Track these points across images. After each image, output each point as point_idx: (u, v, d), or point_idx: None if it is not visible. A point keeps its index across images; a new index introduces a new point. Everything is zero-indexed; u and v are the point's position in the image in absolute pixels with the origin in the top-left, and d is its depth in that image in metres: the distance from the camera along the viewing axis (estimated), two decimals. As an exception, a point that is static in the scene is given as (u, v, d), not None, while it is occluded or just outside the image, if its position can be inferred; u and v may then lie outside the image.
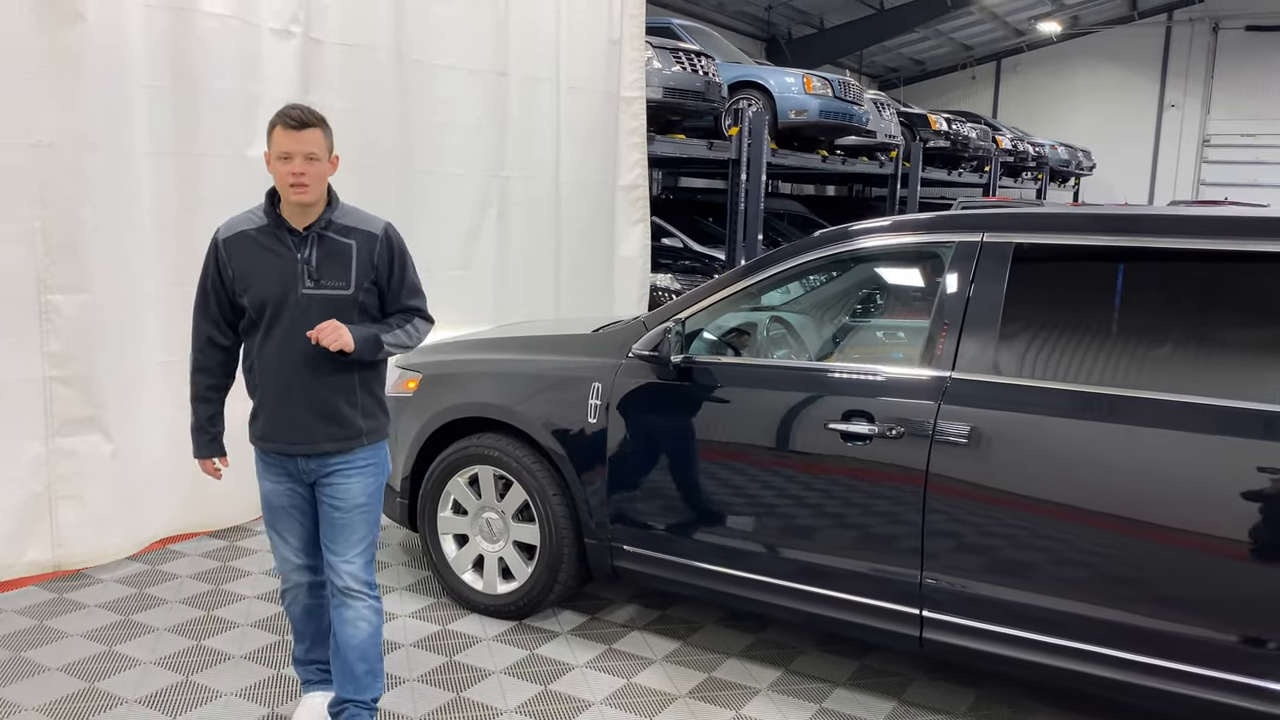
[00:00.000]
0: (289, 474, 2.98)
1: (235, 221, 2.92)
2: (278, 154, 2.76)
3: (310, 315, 2.81)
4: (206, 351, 2.98)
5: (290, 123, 2.74)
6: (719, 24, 17.73)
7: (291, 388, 2.87)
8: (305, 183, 2.75)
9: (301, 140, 2.73)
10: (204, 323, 2.97)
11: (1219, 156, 24.02)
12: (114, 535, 4.62)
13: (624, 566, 3.80)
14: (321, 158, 2.78)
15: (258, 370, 2.92)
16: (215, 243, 2.91)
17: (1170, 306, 3.09)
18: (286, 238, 2.85)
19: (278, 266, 2.84)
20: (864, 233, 3.58)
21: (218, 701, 3.43)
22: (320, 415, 2.89)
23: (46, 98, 4.22)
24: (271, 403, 2.91)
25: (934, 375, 3.18)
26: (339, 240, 2.87)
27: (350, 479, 2.96)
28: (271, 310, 2.83)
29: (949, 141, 15.87)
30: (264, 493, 3.04)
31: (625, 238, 8.26)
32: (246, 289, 2.85)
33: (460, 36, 6.27)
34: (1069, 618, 2.96)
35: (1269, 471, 2.69)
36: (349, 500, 2.96)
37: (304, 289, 2.83)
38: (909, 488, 3.15)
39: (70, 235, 4.34)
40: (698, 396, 3.60)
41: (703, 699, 3.51)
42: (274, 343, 2.86)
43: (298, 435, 2.90)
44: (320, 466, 2.94)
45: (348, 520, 2.97)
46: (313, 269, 2.83)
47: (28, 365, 4.29)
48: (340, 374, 2.90)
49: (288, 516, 3.04)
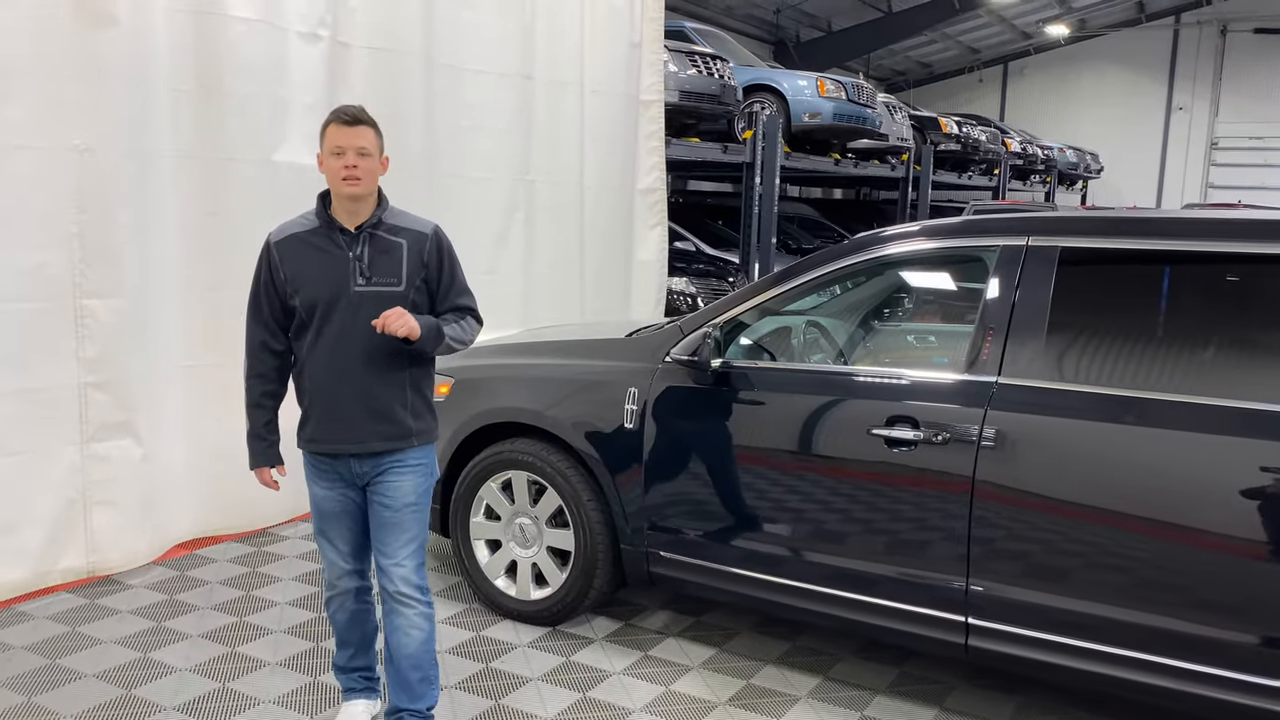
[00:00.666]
0: (341, 477, 2.97)
1: (287, 225, 2.93)
2: (331, 149, 2.78)
3: (362, 313, 2.82)
4: (260, 357, 2.95)
5: (344, 118, 2.79)
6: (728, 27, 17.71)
7: (343, 387, 2.87)
8: (358, 175, 2.77)
9: (354, 135, 2.77)
10: (257, 328, 2.95)
11: (1227, 159, 24.00)
12: (144, 539, 4.62)
13: (661, 573, 3.78)
14: (373, 154, 2.81)
15: (308, 373, 2.91)
16: (267, 245, 2.91)
17: (1218, 310, 3.07)
18: (338, 237, 2.86)
19: (329, 265, 2.85)
20: (903, 237, 3.56)
21: (256, 708, 3.41)
22: (372, 415, 2.89)
23: (82, 101, 4.21)
24: (323, 404, 2.90)
25: (980, 380, 3.15)
26: (389, 239, 2.89)
27: (402, 477, 2.95)
28: (323, 309, 2.84)
29: (959, 145, 15.85)
30: (314, 498, 3.03)
31: (643, 241, 8.25)
32: (298, 289, 2.85)
33: (489, 40, 6.27)
34: (1116, 624, 2.93)
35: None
36: (399, 498, 2.96)
37: (356, 286, 2.84)
38: (955, 494, 3.13)
39: (106, 239, 4.33)
40: (737, 401, 3.58)
41: (743, 706, 3.49)
42: (326, 343, 2.86)
43: (349, 435, 2.89)
44: (373, 468, 2.94)
45: (398, 519, 2.97)
46: (364, 266, 2.84)
47: (64, 371, 4.27)
48: (392, 373, 2.90)
49: (338, 522, 3.02)
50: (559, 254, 7.11)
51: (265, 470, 3.04)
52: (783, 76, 11.41)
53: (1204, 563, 2.83)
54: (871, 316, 4.24)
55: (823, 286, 3.75)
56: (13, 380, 4.14)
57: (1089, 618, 2.97)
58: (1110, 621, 2.94)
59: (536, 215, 6.89)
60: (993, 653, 3.15)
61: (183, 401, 4.80)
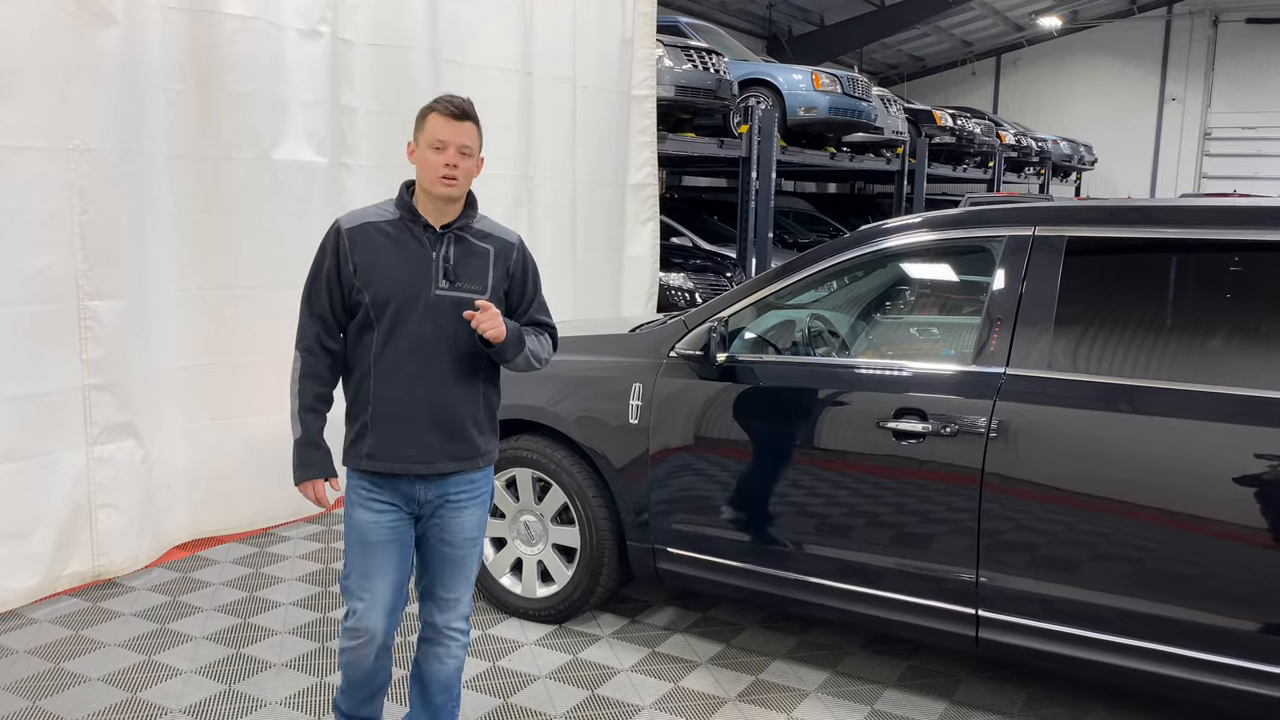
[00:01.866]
0: (395, 504, 2.65)
1: (361, 212, 2.66)
2: (431, 142, 2.55)
3: (441, 317, 2.58)
4: (315, 355, 2.64)
5: (451, 110, 2.56)
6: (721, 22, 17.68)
7: (414, 398, 2.59)
8: (456, 176, 2.54)
9: (459, 131, 2.55)
10: (312, 322, 2.64)
11: (1220, 150, 24.03)
12: (145, 541, 4.59)
13: (668, 569, 3.76)
14: (473, 154, 2.60)
15: (371, 380, 2.60)
16: (337, 231, 2.62)
17: (1230, 297, 3.06)
18: (422, 234, 2.60)
19: (409, 261, 2.58)
20: (908, 228, 3.54)
21: (262, 710, 3.39)
22: (444, 431, 2.62)
23: (82, 101, 4.17)
24: (388, 416, 2.60)
25: (988, 371, 3.14)
26: (476, 244, 2.67)
27: (465, 509, 2.70)
28: (395, 310, 2.57)
29: (954, 137, 15.86)
30: (359, 525, 2.66)
31: (635, 237, 8.23)
32: (369, 283, 2.57)
33: (490, 35, 6.25)
34: (1127, 615, 2.92)
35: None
36: (462, 533, 2.71)
37: (438, 289, 2.58)
38: (964, 486, 3.12)
39: (107, 240, 4.30)
40: (743, 396, 3.57)
41: (753, 702, 3.48)
42: (397, 347, 2.58)
43: (416, 453, 2.60)
44: (437, 494, 2.66)
45: (460, 556, 2.72)
46: (450, 267, 2.60)
47: (69, 374, 4.24)
48: (470, 385, 2.66)
49: (385, 554, 2.66)
50: (554, 251, 7.09)
51: (319, 483, 2.66)
52: (778, 71, 11.40)
53: (1215, 552, 2.82)
54: (877, 309, 4.23)
55: (827, 280, 3.73)
56: (19, 385, 4.09)
57: (1101, 609, 2.96)
58: (1121, 612, 2.93)
59: (537, 212, 6.87)
60: (1004, 645, 3.14)
61: (180, 402, 4.78)
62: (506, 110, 6.46)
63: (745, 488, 3.55)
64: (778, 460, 3.48)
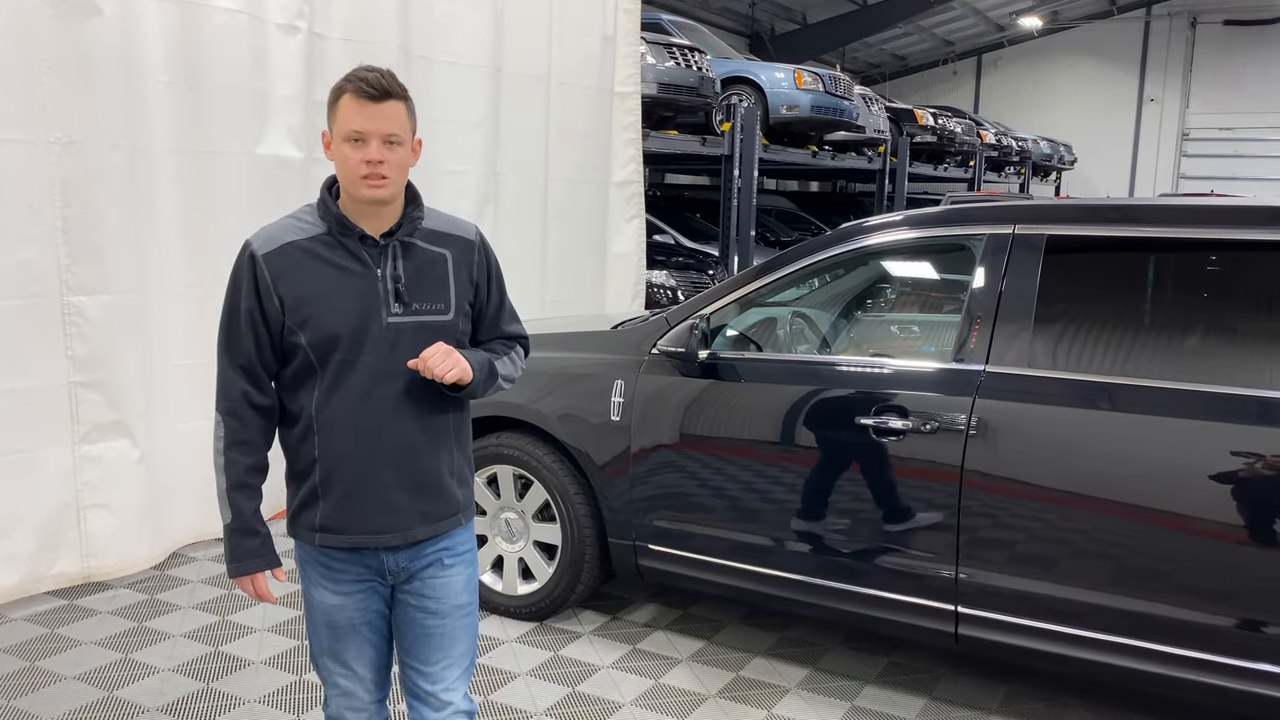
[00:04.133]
0: (363, 578, 2.18)
1: (274, 231, 2.10)
2: (345, 134, 2.01)
3: (398, 351, 2.08)
4: (243, 416, 2.13)
5: (367, 90, 1.99)
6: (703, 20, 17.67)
7: (376, 454, 2.11)
8: (384, 174, 2.02)
9: (381, 116, 2.00)
10: (234, 375, 2.12)
11: (1198, 150, 24.21)
12: (143, 543, 4.50)
13: (649, 565, 3.76)
14: (404, 140, 2.05)
15: (316, 435, 2.11)
16: (251, 259, 2.07)
17: (1204, 296, 3.08)
18: (359, 248, 2.08)
19: (350, 287, 2.07)
20: (889, 226, 3.56)
21: (240, 708, 3.36)
22: (414, 489, 2.14)
23: (65, 94, 4.12)
24: (346, 479, 2.11)
25: (968, 369, 3.15)
26: (430, 250, 2.15)
27: (448, 571, 2.22)
28: (345, 348, 2.06)
29: (935, 137, 15.89)
30: (321, 608, 2.20)
31: (619, 234, 8.20)
32: (305, 320, 2.05)
33: (462, 32, 6.21)
34: (1105, 611, 2.94)
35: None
36: (447, 600, 2.23)
37: (390, 317, 2.08)
38: (944, 483, 3.13)
39: (92, 235, 4.24)
40: (725, 393, 3.57)
41: (733, 699, 3.48)
42: (347, 393, 2.08)
43: (384, 521, 2.12)
44: (411, 560, 2.18)
45: (446, 629, 2.23)
46: (401, 287, 2.09)
47: (53, 371, 4.18)
48: (439, 428, 2.17)
49: (357, 638, 2.22)
50: (522, 247, 7.05)
51: (259, 577, 2.17)
52: (760, 69, 11.39)
53: (1192, 548, 2.84)
54: (858, 307, 4.24)
55: (809, 277, 3.74)
56: (1, 380, 4.04)
57: (1079, 605, 2.98)
58: (1100, 608, 2.95)
59: (504, 208, 6.83)
60: (983, 641, 3.16)
61: (178, 401, 4.70)
62: (477, 107, 6.42)
63: (727, 485, 3.55)
64: (759, 457, 3.48)
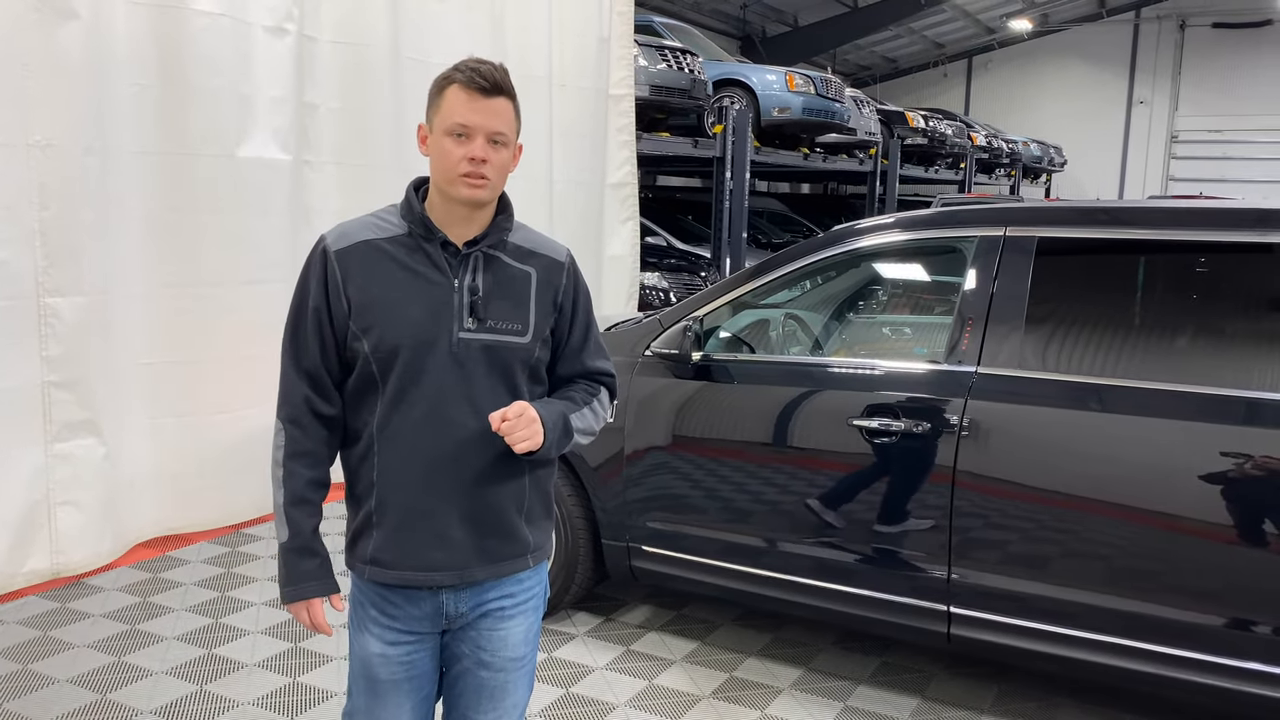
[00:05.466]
0: (416, 623, 1.98)
1: (351, 228, 1.94)
2: (449, 127, 1.85)
3: (468, 369, 1.90)
4: (305, 424, 1.93)
5: (479, 83, 1.84)
6: (694, 22, 17.71)
7: (436, 482, 1.92)
8: (486, 175, 1.86)
9: (490, 111, 1.85)
10: (298, 380, 1.93)
11: (1187, 152, 24.33)
12: (106, 539, 4.54)
13: (643, 567, 3.77)
14: (509, 142, 1.90)
15: (375, 457, 1.92)
16: (323, 255, 1.91)
17: (1193, 298, 3.11)
18: (439, 255, 1.91)
19: (423, 294, 1.89)
20: (881, 229, 3.57)
21: (234, 710, 3.36)
22: (477, 525, 1.95)
23: (42, 96, 4.12)
24: (400, 506, 1.92)
25: (960, 370, 3.17)
26: (514, 266, 1.97)
27: (510, 622, 2.02)
28: (407, 361, 1.88)
29: (926, 139, 15.94)
30: (367, 660, 1.99)
31: (614, 236, 8.23)
32: (369, 327, 1.88)
33: (456, 34, 6.22)
34: (1096, 611, 2.96)
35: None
36: (505, 650, 2.03)
37: (462, 332, 1.90)
38: (936, 484, 3.15)
39: (68, 236, 4.25)
40: (718, 394, 3.58)
41: (727, 699, 3.49)
42: (410, 412, 1.90)
43: (439, 558, 1.93)
44: (470, 606, 1.98)
45: (501, 682, 2.04)
46: (479, 300, 1.91)
47: (27, 370, 4.19)
48: (512, 462, 1.95)
49: (400, 695, 2.00)
50: None
51: (315, 604, 1.96)
52: (752, 71, 11.42)
53: (1182, 548, 2.86)
54: (850, 308, 4.26)
55: (801, 279, 3.76)
56: None
57: (1071, 605, 2.99)
58: (1091, 608, 2.97)
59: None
60: (975, 641, 3.17)
61: (145, 399, 4.74)
62: None
63: (720, 486, 3.56)
64: (752, 459, 3.49)
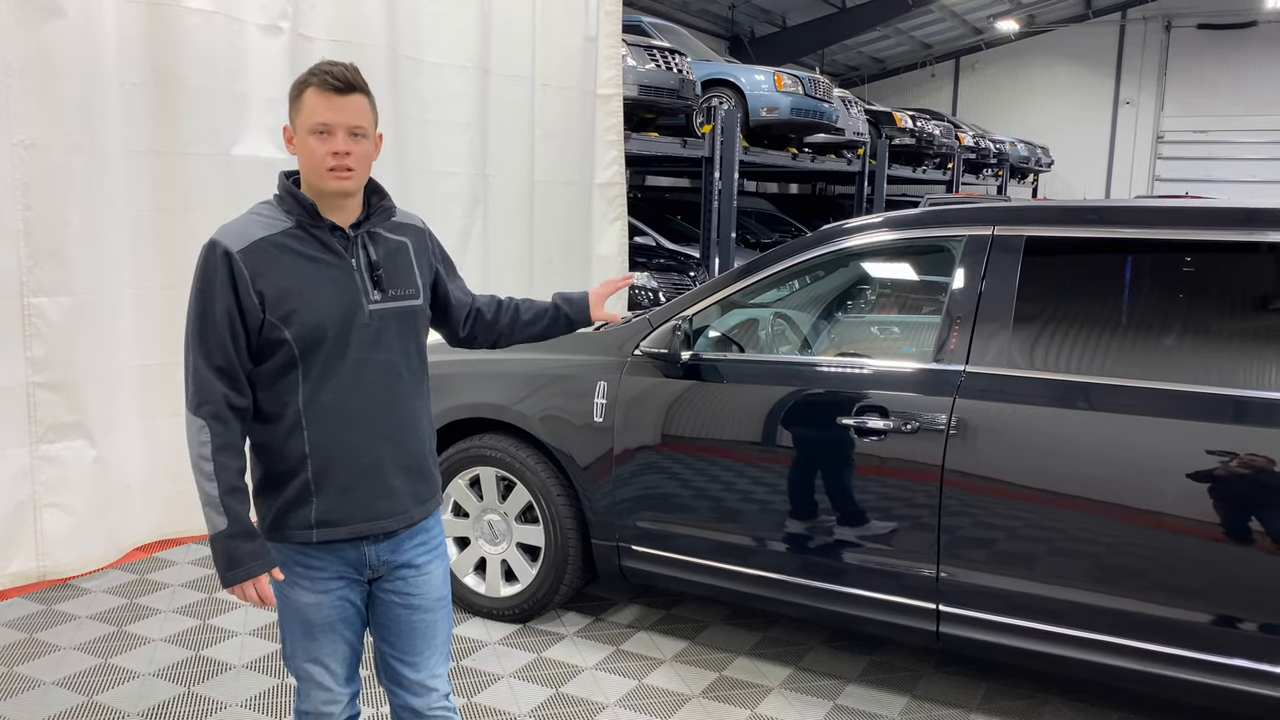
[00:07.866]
0: (342, 574, 2.19)
1: (242, 228, 2.09)
2: (312, 126, 2.04)
3: (382, 337, 2.14)
4: (226, 419, 2.06)
5: (332, 84, 2.04)
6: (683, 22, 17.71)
7: (374, 440, 2.14)
8: (350, 165, 2.05)
9: (346, 108, 2.05)
10: (213, 377, 2.05)
11: (1173, 153, 24.47)
12: (98, 543, 4.52)
13: (633, 567, 3.76)
14: (369, 133, 2.10)
15: (305, 430, 2.10)
16: (225, 257, 2.04)
17: (1180, 297, 3.12)
18: (330, 239, 2.12)
19: (328, 279, 2.10)
20: (869, 228, 3.58)
21: (222, 712, 3.35)
22: (408, 471, 2.20)
23: (28, 96, 4.10)
24: (345, 468, 2.12)
25: (948, 369, 3.18)
26: (393, 238, 2.23)
27: (429, 561, 2.27)
28: (333, 339, 2.09)
29: (914, 139, 15.98)
30: (301, 608, 2.18)
31: (602, 236, 8.23)
32: (289, 315, 2.05)
33: (448, 33, 6.22)
34: (1084, 609, 2.97)
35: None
36: (430, 590, 2.27)
37: (371, 304, 2.13)
38: (924, 482, 3.15)
39: (54, 237, 4.24)
40: (708, 394, 3.58)
41: (716, 699, 3.49)
42: (337, 384, 2.10)
43: (384, 506, 2.16)
44: (392, 551, 2.21)
45: (429, 621, 2.27)
46: (381, 275, 2.16)
47: (11, 371, 4.18)
48: (419, 411, 2.24)
49: (333, 635, 2.21)
50: (511, 249, 7.06)
51: (262, 580, 2.10)
52: (740, 71, 11.43)
53: (1170, 546, 2.87)
54: (839, 308, 4.27)
55: (790, 279, 3.76)
56: None
57: (1059, 603, 3.00)
58: (1079, 606, 2.98)
59: (493, 210, 6.85)
60: (964, 639, 3.18)
61: (138, 401, 4.72)
62: (464, 108, 6.43)
63: (709, 485, 3.56)
64: (741, 458, 3.49)
